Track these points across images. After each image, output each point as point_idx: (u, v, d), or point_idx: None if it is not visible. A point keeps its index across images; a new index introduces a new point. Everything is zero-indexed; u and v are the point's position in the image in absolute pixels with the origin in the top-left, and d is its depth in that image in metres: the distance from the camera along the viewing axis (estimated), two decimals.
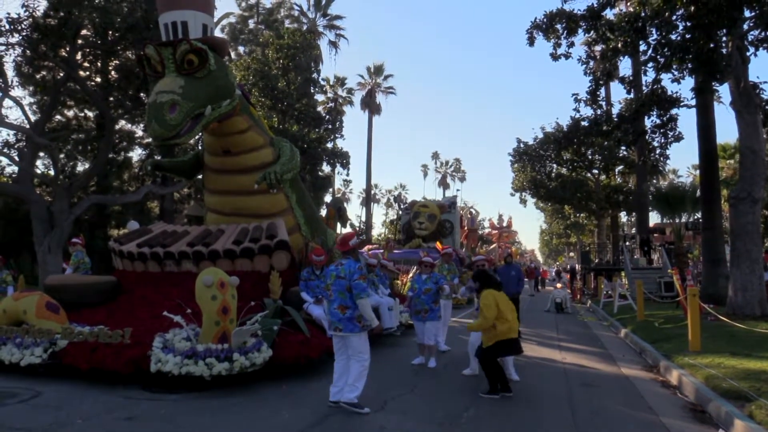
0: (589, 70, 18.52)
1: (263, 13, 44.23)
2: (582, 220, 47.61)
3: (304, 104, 32.02)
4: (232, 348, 7.00)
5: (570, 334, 14.01)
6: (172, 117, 8.42)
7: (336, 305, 6.24)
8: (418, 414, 6.23)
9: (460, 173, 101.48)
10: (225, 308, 7.16)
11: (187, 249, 10.12)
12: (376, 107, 56.63)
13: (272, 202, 10.77)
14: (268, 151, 10.74)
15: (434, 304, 9.01)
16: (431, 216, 27.25)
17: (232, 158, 10.49)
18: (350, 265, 6.41)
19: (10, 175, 25.17)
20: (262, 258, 9.97)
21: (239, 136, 10.33)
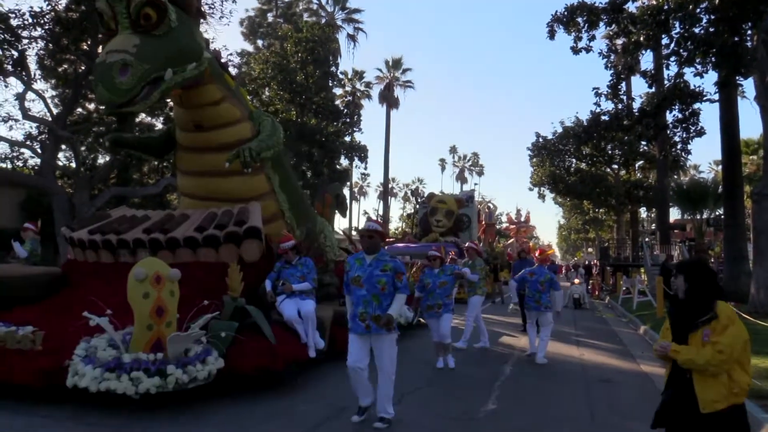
0: (611, 64, 18.33)
1: (282, 7, 44.32)
2: (601, 215, 47.23)
3: (323, 98, 32.07)
4: (167, 358, 5.75)
5: (588, 330, 13.93)
6: (122, 80, 7.13)
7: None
8: (435, 408, 6.24)
9: (478, 167, 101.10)
10: (160, 309, 5.91)
11: (143, 236, 8.62)
12: (394, 101, 56.51)
13: (251, 185, 9.44)
14: (246, 126, 9.39)
15: (448, 297, 8.51)
16: (448, 213, 27.00)
17: (204, 134, 9.13)
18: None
19: (33, 168, 25.49)
20: (229, 248, 8.48)
21: (212, 108, 9.00)
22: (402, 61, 56.66)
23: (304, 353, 7.46)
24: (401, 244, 24.86)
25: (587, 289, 24.53)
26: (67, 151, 26.06)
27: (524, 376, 8.13)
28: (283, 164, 10.30)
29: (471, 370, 8.48)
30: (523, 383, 7.67)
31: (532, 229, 62.15)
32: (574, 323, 15.26)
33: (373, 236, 5.56)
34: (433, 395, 6.84)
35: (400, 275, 5.48)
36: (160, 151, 10.60)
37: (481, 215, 35.70)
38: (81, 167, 24.10)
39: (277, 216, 9.86)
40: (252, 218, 8.68)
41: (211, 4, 23.44)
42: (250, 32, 43.95)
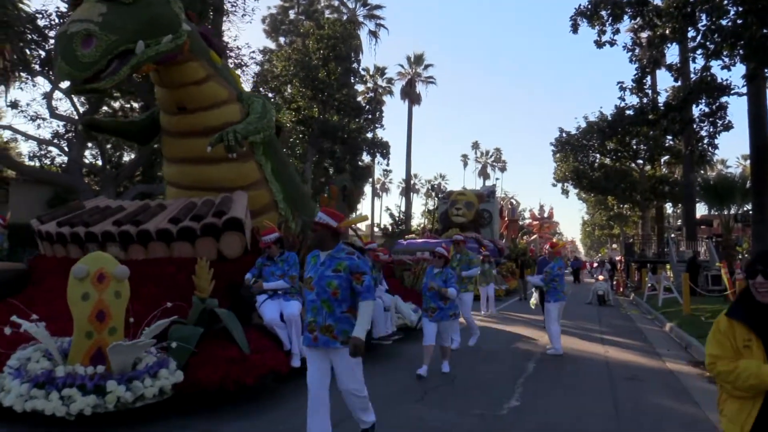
0: (635, 58, 18.10)
1: (304, 4, 44.45)
2: (626, 211, 46.70)
3: (345, 94, 32.12)
4: (110, 372, 4.89)
5: (613, 327, 13.79)
6: (85, 53, 6.31)
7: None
8: (458, 405, 6.23)
9: (500, 163, 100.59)
10: (101, 313, 5.02)
11: (113, 229, 7.74)
12: (416, 97, 56.40)
13: (240, 173, 8.69)
14: (234, 108, 8.64)
15: (443, 301, 7.64)
16: (469, 203, 26.95)
17: (188, 117, 8.39)
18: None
19: (60, 165, 25.91)
20: (206, 241, 7.60)
21: (195, 87, 8.24)
22: (424, 56, 56.56)
23: (285, 363, 6.43)
24: (420, 240, 24.80)
25: (612, 286, 24.28)
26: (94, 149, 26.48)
27: (547, 373, 8.07)
28: (276, 150, 9.54)
29: (493, 367, 8.44)
30: (547, 380, 7.62)
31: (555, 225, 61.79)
32: (598, 320, 15.11)
33: (315, 228, 4.53)
34: (455, 392, 6.82)
35: (360, 276, 4.36)
36: (143, 136, 9.71)
37: (503, 211, 35.52)
38: (107, 165, 24.47)
39: (269, 207, 9.12)
40: (234, 208, 7.78)
41: (233, 2, 23.68)
42: (272, 30, 44.17)
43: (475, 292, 12.75)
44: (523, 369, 8.28)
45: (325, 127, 30.76)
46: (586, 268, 48.28)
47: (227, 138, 7.59)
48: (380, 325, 8.81)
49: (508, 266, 25.24)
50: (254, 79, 27.79)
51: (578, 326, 13.51)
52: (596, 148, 34.93)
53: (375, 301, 4.50)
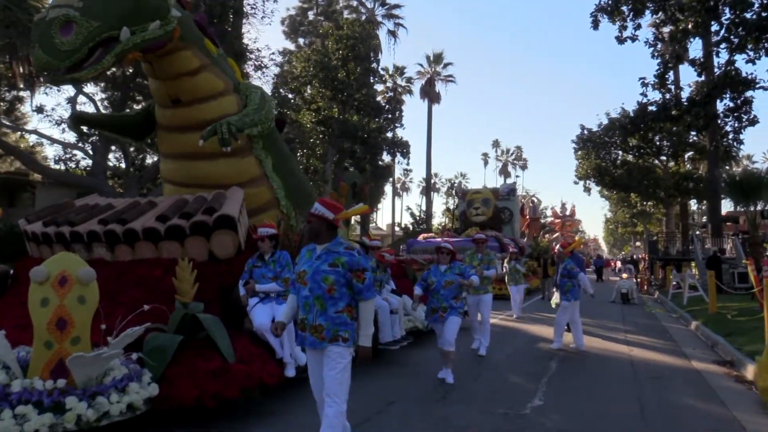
0: (657, 53, 17.90)
1: (322, 5, 44.60)
2: (649, 208, 46.11)
3: (364, 94, 32.18)
4: (73, 386, 4.38)
5: (637, 325, 13.64)
6: (65, 40, 5.93)
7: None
8: (481, 404, 6.22)
9: (521, 161, 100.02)
10: (61, 320, 4.46)
11: (98, 228, 7.29)
12: (436, 96, 56.24)
13: (238, 169, 8.22)
14: (231, 99, 8.19)
15: (455, 300, 7.23)
16: (486, 200, 26.63)
17: (182, 110, 7.95)
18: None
19: (85, 168, 26.33)
20: (196, 241, 7.05)
21: (189, 78, 7.78)
22: (443, 55, 56.29)
23: (277, 373, 5.87)
24: (439, 238, 24.57)
25: (636, 284, 24.02)
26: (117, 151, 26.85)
27: (571, 373, 8.02)
28: (277, 144, 9.10)
29: (516, 366, 8.42)
30: (571, 379, 7.57)
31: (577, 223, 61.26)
32: (622, 319, 14.97)
33: (310, 220, 4.22)
34: (479, 391, 6.81)
35: (361, 273, 4.04)
36: (138, 131, 9.21)
37: (524, 209, 35.30)
38: (130, 167, 24.81)
39: (270, 204, 8.66)
40: (227, 205, 7.27)
41: (253, 5, 23.87)
42: (291, 31, 44.37)
43: (497, 292, 12.65)
44: (546, 368, 8.24)
45: (344, 127, 30.84)
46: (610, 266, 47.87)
47: (221, 130, 7.14)
48: (386, 329, 8.23)
49: (530, 265, 25.06)
50: (274, 81, 27.97)
51: (602, 325, 13.40)
52: (618, 145, 34.57)
53: (375, 299, 4.19)
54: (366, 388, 6.77)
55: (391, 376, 7.46)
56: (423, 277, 7.57)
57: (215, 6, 20.26)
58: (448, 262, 7.39)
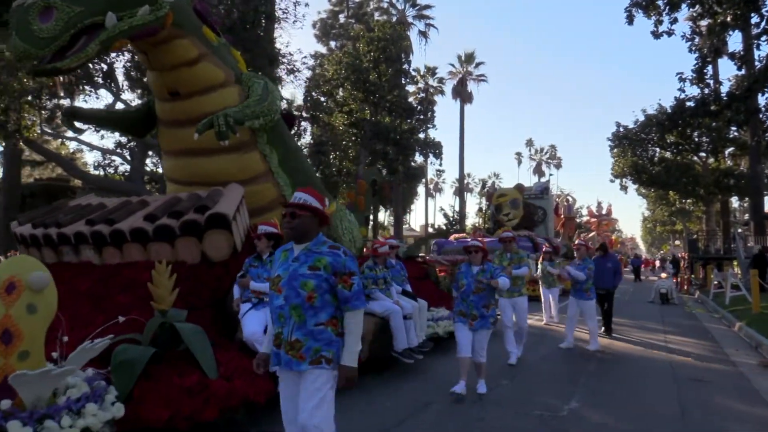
0: (695, 47, 17.54)
1: (353, 7, 44.79)
2: (688, 206, 45.11)
3: (396, 96, 32.21)
4: (21, 408, 3.80)
5: (677, 326, 13.35)
6: (44, 27, 5.44)
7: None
8: (517, 406, 6.16)
9: (555, 160, 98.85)
10: (6, 333, 3.95)
11: (85, 229, 6.83)
12: (468, 96, 56.01)
13: (242, 165, 7.75)
14: (233, 91, 7.69)
15: (486, 308, 6.46)
16: (513, 201, 25.61)
17: (181, 103, 7.50)
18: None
19: (123, 174, 26.90)
20: (187, 242, 6.52)
21: (186, 69, 7.27)
22: (474, 55, 56.07)
23: (266, 390, 5.09)
24: (470, 239, 24.07)
25: (675, 284, 23.53)
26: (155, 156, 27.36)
27: (609, 374, 7.89)
28: (283, 138, 8.52)
29: (553, 367, 8.32)
30: (608, 381, 7.45)
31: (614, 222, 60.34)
32: (661, 319, 14.67)
33: (296, 214, 3.44)
34: (515, 392, 6.75)
35: (347, 278, 3.35)
36: (138, 127, 8.74)
37: (559, 208, 34.88)
38: None
39: (276, 202, 8.12)
40: (221, 203, 6.74)
41: (284, 9, 24.11)
42: (322, 34, 44.68)
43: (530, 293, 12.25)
44: (583, 369, 8.12)
45: (377, 128, 30.91)
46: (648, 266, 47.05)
47: (217, 123, 6.62)
48: (400, 336, 7.41)
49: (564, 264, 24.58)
50: (306, 84, 28.19)
51: (640, 325, 13.15)
52: (656, 142, 33.92)
53: (360, 310, 3.41)
54: (401, 389, 6.77)
55: (427, 377, 7.44)
56: (456, 278, 6.85)
57: (248, 12, 20.52)
58: (480, 262, 6.58)
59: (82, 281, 6.15)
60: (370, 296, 7.32)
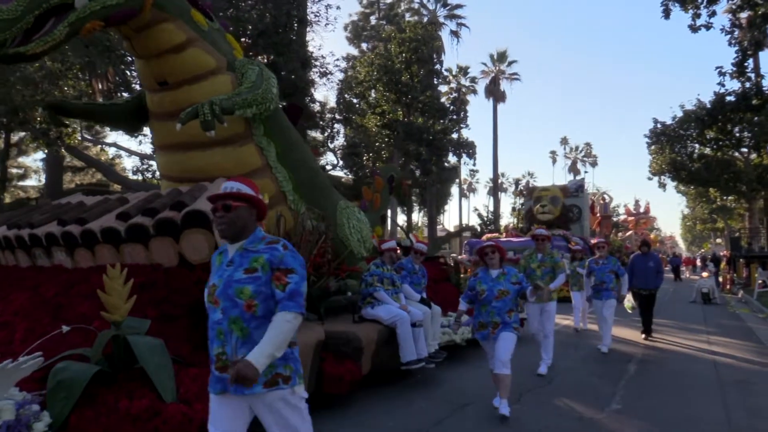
0: (735, 40, 17.08)
1: (384, 9, 44.86)
2: (730, 203, 44.05)
3: (428, 96, 32.15)
4: None
5: (720, 326, 13.03)
6: (4, 8, 4.99)
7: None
8: (556, 408, 6.09)
9: (591, 158, 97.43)
10: None
11: (56, 230, 6.32)
12: (501, 95, 55.63)
13: (237, 160, 7.16)
14: (225, 79, 7.10)
15: (508, 314, 5.79)
16: (554, 198, 25.51)
17: (170, 93, 6.95)
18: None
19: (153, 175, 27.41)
20: (162, 242, 5.86)
21: (174, 56, 6.73)
22: (507, 53, 55.66)
23: None
24: (504, 238, 23.82)
25: (717, 283, 22.96)
26: None
27: (650, 376, 7.74)
28: (283, 130, 7.86)
29: (592, 368, 8.19)
30: (650, 383, 7.30)
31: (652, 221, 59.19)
32: (703, 319, 14.34)
33: (231, 207, 2.93)
34: (554, 394, 6.66)
35: (283, 275, 2.84)
36: (129, 121, 8.11)
37: (595, 207, 34.41)
38: None
39: (276, 199, 7.53)
40: (201, 199, 6.02)
41: (316, 13, 24.25)
42: (354, 36, 44.84)
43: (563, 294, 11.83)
44: (623, 371, 7.99)
45: (409, 129, 30.88)
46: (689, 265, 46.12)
47: (202, 111, 6.03)
48: (407, 345, 6.69)
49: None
50: (338, 86, 28.33)
51: (682, 326, 12.88)
52: (695, 138, 33.15)
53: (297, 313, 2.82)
54: (438, 390, 6.75)
55: (465, 378, 7.40)
56: (469, 286, 6.12)
57: (280, 16, 20.70)
58: (499, 266, 5.98)
59: (49, 287, 5.60)
60: (372, 296, 6.90)
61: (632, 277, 10.47)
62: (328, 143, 27.69)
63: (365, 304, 6.94)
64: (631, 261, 10.95)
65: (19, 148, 29.86)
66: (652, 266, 10.56)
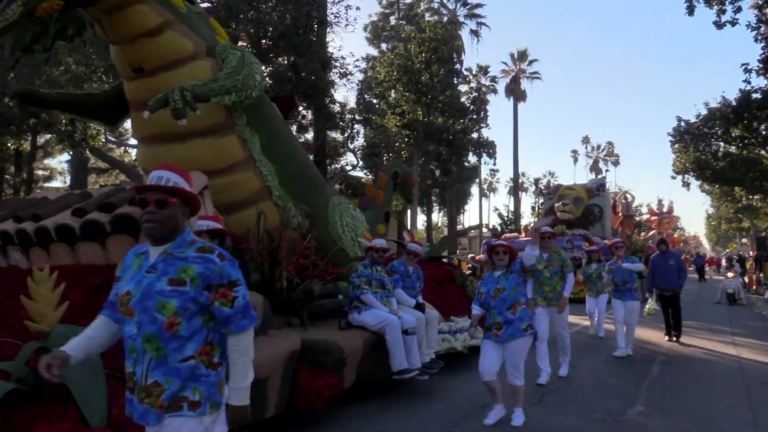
0: (761, 36, 16.80)
1: (404, 9, 44.85)
2: (756, 202, 43.31)
3: (448, 96, 32.10)
4: None
5: (746, 327, 12.83)
6: None
7: None
8: (578, 409, 6.04)
9: (613, 157, 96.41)
10: None
11: (10, 228, 5.95)
12: (521, 94, 55.29)
13: (217, 152, 6.67)
14: (205, 65, 6.61)
15: (512, 310, 5.41)
16: (578, 199, 25.13)
17: (147, 80, 6.46)
18: None
19: None
20: (119, 240, 5.53)
21: (149, 40, 6.25)
22: (527, 52, 55.32)
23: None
24: (522, 238, 23.30)
25: (743, 284, 22.60)
26: None
27: (674, 377, 7.64)
28: (268, 121, 7.27)
29: (615, 369, 8.11)
30: (673, 385, 7.21)
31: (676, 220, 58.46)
32: (728, 320, 14.13)
33: (166, 203, 2.49)
34: (576, 395, 6.61)
35: (227, 290, 2.47)
36: (107, 113, 7.43)
37: (617, 206, 34.04)
38: None
39: (260, 195, 7.04)
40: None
41: (336, 14, 24.33)
42: (374, 37, 44.90)
43: (575, 295, 10.94)
44: (647, 372, 7.90)
45: (429, 129, 30.85)
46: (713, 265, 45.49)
47: (173, 98, 5.52)
48: (398, 353, 6.07)
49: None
50: (358, 87, 28.42)
51: (706, 327, 12.70)
52: (719, 136, 32.65)
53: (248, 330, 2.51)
54: (457, 391, 6.73)
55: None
56: (478, 290, 5.82)
57: (300, 17, 20.81)
58: (506, 266, 5.58)
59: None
60: (359, 300, 6.29)
61: (653, 278, 10.23)
62: (348, 144, 27.75)
63: (352, 308, 6.33)
64: (651, 261, 10.55)
65: (45, 150, 30.40)
66: (672, 264, 10.11)
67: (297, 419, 5.30)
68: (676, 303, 10.34)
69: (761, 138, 31.38)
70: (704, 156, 33.42)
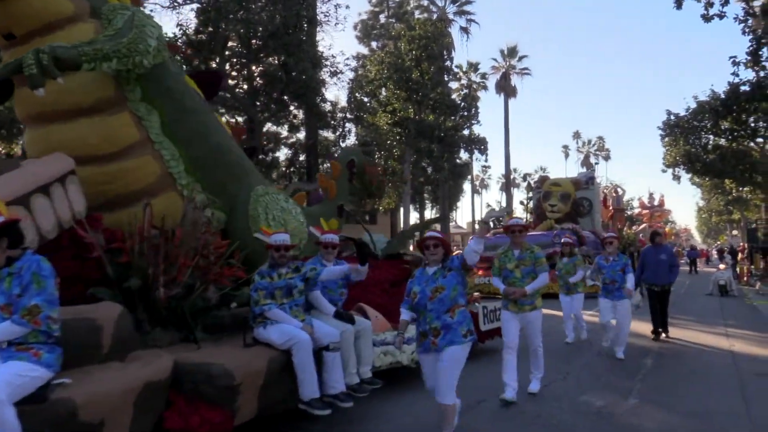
0: (749, 29, 16.90)
1: (393, 7, 44.84)
2: (746, 194, 43.60)
3: (439, 93, 32.12)
4: None
5: (738, 319, 12.93)
6: None
7: None
8: (574, 403, 6.07)
9: (603, 152, 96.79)
10: None
11: None
12: (512, 90, 55.36)
13: (106, 132, 5.66)
14: (87, 27, 5.62)
15: (450, 313, 4.68)
16: (564, 196, 24.58)
17: (20, 48, 5.45)
18: None
19: None
20: None
21: (18, 0, 5.32)
22: (517, 48, 55.34)
23: None
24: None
25: (734, 275, 22.77)
26: None
27: (668, 370, 7.71)
28: (171, 94, 6.12)
29: (608, 362, 8.16)
30: (668, 376, 7.28)
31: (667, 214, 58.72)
32: (721, 311, 14.24)
33: None
34: (570, 389, 6.65)
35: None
36: None
37: (607, 199, 34.18)
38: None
39: (161, 183, 5.99)
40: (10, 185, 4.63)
41: (326, 12, 24.35)
42: (364, 35, 44.86)
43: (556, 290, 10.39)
44: (641, 365, 7.95)
45: (421, 127, 30.88)
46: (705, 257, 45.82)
47: (26, 62, 4.64)
48: (307, 378, 4.81)
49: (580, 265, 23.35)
50: (349, 85, 28.41)
51: (699, 319, 12.79)
52: (709, 129, 32.85)
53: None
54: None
55: (481, 375, 7.39)
56: (407, 290, 4.99)
57: (290, 16, 20.80)
58: (440, 261, 4.84)
59: None
60: (263, 315, 5.01)
61: (643, 271, 9.89)
62: (340, 142, 27.77)
63: (257, 322, 5.05)
64: (643, 254, 10.30)
65: None
66: (664, 259, 9.65)
67: (297, 418, 5.29)
68: (665, 299, 9.95)
69: (750, 130, 31.58)
70: (694, 149, 33.63)
